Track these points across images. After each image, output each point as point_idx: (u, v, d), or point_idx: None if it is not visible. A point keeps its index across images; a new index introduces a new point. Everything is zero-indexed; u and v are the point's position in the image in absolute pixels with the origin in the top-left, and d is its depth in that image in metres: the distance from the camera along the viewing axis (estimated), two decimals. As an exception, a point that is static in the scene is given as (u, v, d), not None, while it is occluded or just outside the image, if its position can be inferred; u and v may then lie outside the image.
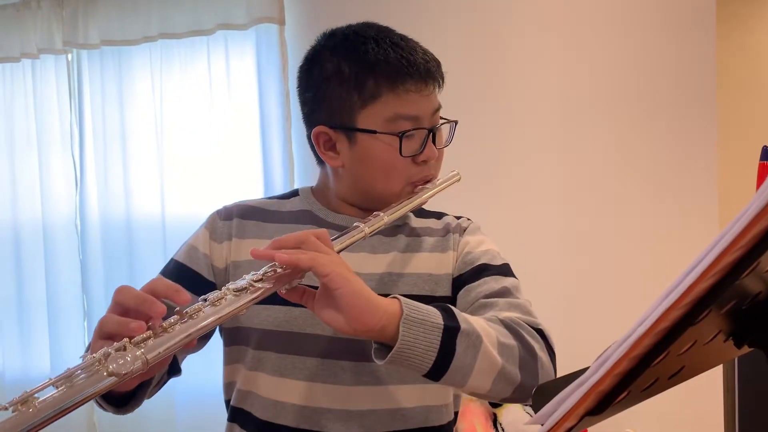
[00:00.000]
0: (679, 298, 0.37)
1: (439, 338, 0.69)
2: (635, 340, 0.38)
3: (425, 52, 0.86)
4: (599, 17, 2.07)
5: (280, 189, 2.32)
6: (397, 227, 0.92)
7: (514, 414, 1.87)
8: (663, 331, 0.39)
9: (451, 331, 0.69)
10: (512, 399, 0.75)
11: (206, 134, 2.40)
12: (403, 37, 0.87)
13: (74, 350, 2.57)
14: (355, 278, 0.68)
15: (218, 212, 0.96)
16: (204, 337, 0.90)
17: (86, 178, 2.51)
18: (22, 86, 2.59)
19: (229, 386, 0.91)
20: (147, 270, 2.46)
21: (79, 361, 0.59)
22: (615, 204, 2.05)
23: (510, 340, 0.74)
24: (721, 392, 1.97)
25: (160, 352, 0.59)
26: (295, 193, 0.98)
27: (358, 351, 0.83)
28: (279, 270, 0.68)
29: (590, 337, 1.06)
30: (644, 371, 0.41)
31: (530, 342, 0.76)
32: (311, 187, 0.98)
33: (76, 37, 2.48)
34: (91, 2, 2.46)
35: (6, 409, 0.52)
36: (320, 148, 0.89)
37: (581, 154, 2.08)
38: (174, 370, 0.85)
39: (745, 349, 0.49)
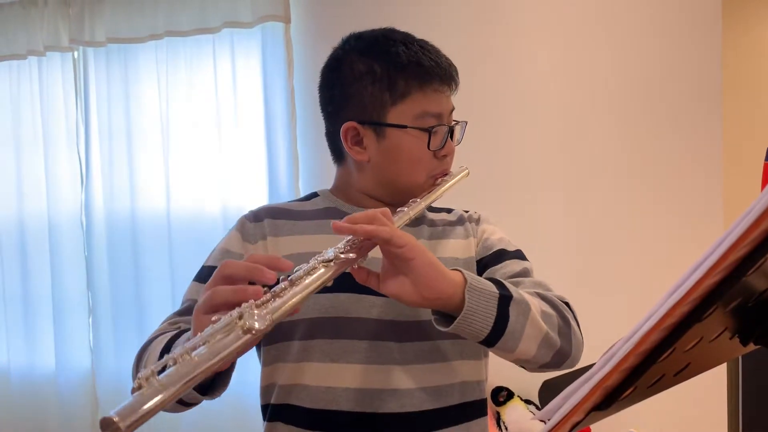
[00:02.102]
0: (687, 293, 0.37)
1: (496, 306, 0.75)
2: (642, 335, 0.39)
3: (446, 56, 0.94)
4: (605, 19, 2.07)
5: (285, 187, 2.33)
6: (417, 220, 0.98)
7: (517, 412, 1.87)
8: (670, 327, 0.39)
9: (505, 299, 0.76)
10: (551, 363, 0.82)
11: (211, 132, 2.41)
12: (426, 42, 0.94)
13: (79, 346, 2.58)
14: (426, 249, 0.73)
15: (246, 216, 0.98)
16: None
17: (92, 176, 2.52)
18: (29, 84, 2.60)
19: (267, 388, 0.92)
20: (152, 267, 2.47)
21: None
22: (620, 204, 2.05)
23: (549, 310, 0.82)
24: (724, 391, 1.97)
25: (282, 311, 0.62)
26: (314, 195, 1.03)
27: (403, 331, 0.87)
28: (357, 242, 0.73)
29: (595, 338, 1.06)
30: (650, 367, 0.41)
31: (564, 312, 0.84)
32: (329, 189, 1.03)
33: (82, 34, 2.49)
34: (98, 0, 2.47)
35: (167, 364, 0.54)
36: (347, 143, 0.93)
37: (586, 155, 2.08)
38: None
39: (751, 347, 0.49)
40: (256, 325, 0.58)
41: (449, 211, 1.04)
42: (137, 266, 2.49)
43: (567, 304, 0.87)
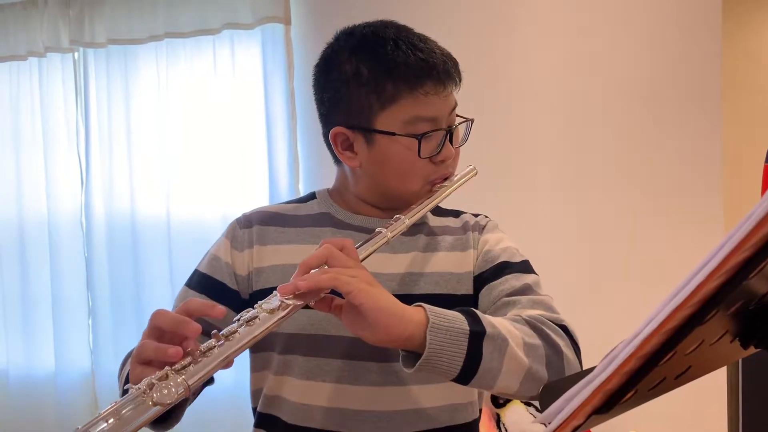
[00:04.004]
0: (687, 297, 0.37)
1: (466, 344, 0.69)
2: (643, 338, 0.38)
3: (443, 52, 0.86)
4: (605, 18, 2.07)
5: (285, 188, 2.33)
6: (416, 226, 0.91)
7: (517, 414, 1.87)
8: (671, 331, 0.39)
9: (477, 335, 0.70)
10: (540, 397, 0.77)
11: (211, 133, 2.41)
12: (421, 38, 0.86)
13: (79, 347, 2.58)
14: (378, 291, 0.69)
15: (238, 221, 0.95)
16: None
17: (92, 177, 2.53)
18: (29, 84, 2.61)
19: (256, 393, 0.92)
20: (152, 268, 2.47)
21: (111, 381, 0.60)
22: (620, 205, 2.05)
23: (535, 340, 0.75)
24: (724, 394, 1.97)
25: (200, 376, 0.61)
26: (312, 196, 0.99)
27: (383, 352, 0.83)
28: None
29: (595, 339, 1.06)
30: (651, 370, 0.41)
31: (555, 340, 0.76)
32: (328, 189, 0.99)
33: (82, 35, 2.49)
34: (98, 1, 2.47)
35: None
36: (338, 149, 0.89)
37: (586, 156, 2.08)
38: (208, 379, 0.88)
39: (752, 350, 0.49)
40: (167, 399, 0.58)
41: (457, 214, 0.98)
42: (137, 267, 2.49)
43: (564, 328, 0.79)
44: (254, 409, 0.93)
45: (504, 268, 0.88)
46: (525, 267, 0.89)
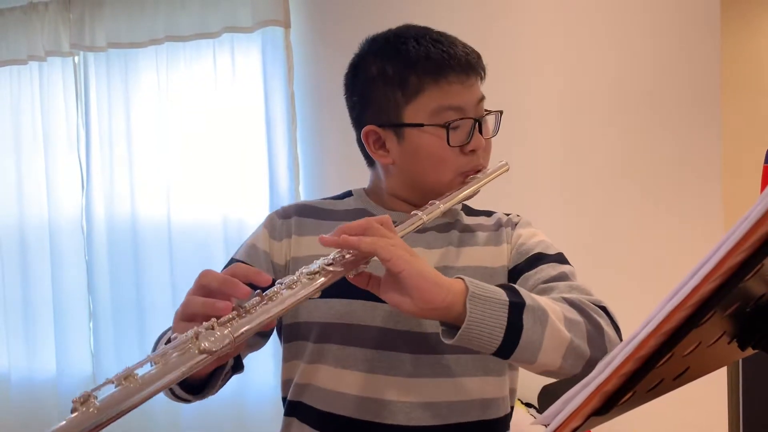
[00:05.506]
0: (684, 299, 0.37)
1: (506, 314, 0.69)
2: (641, 340, 0.39)
3: (465, 45, 0.89)
4: (604, 18, 2.08)
5: (285, 190, 2.33)
6: (449, 224, 0.94)
7: (518, 415, 1.87)
8: (668, 332, 0.39)
9: (517, 306, 0.70)
10: (583, 375, 0.76)
11: (212, 136, 2.41)
12: (442, 34, 0.90)
13: (80, 351, 2.58)
14: (418, 259, 0.69)
15: (276, 212, 0.98)
16: (264, 336, 0.93)
17: (92, 180, 2.53)
18: (29, 88, 2.61)
19: (287, 383, 0.93)
20: (152, 271, 2.47)
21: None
22: (620, 207, 2.05)
23: (576, 316, 0.75)
24: (725, 394, 1.97)
25: (246, 330, 0.62)
26: (348, 194, 1.01)
27: (417, 342, 0.84)
28: (347, 256, 0.71)
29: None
30: (649, 372, 0.41)
31: (595, 317, 0.76)
32: (364, 188, 1.01)
33: (82, 39, 2.49)
34: (98, 5, 2.48)
35: (112, 383, 0.55)
36: (370, 147, 0.91)
37: (585, 157, 2.08)
38: (237, 366, 0.88)
39: (749, 352, 0.50)
40: (213, 347, 0.59)
41: (489, 214, 1.00)
42: (138, 270, 2.49)
43: (604, 308, 0.80)
44: (284, 399, 0.94)
45: (539, 259, 0.88)
46: (560, 258, 0.90)
